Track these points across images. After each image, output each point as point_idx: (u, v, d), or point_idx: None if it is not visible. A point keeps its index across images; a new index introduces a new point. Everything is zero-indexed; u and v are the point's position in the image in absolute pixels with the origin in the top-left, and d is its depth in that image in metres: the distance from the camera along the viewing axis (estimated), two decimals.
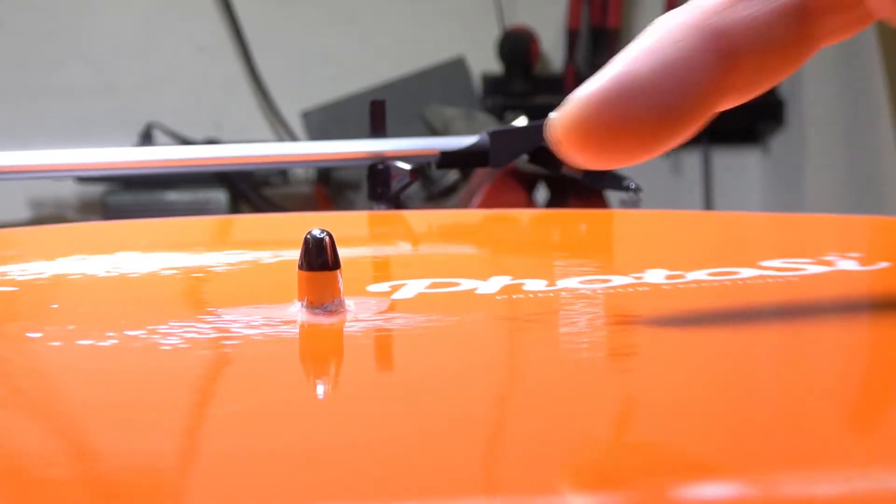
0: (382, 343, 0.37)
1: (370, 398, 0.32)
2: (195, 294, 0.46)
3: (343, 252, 0.40)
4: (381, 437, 0.29)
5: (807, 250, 0.43)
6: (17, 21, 2.53)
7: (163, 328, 0.39)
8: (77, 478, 0.27)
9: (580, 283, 0.39)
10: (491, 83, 2.60)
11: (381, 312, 0.40)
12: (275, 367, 0.35)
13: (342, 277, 0.40)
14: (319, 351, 0.38)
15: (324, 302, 0.39)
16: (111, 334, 0.39)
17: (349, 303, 0.40)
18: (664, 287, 0.38)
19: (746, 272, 0.40)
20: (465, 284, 0.42)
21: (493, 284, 0.40)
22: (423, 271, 0.49)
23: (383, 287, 0.44)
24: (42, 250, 0.54)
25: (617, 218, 0.64)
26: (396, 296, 0.42)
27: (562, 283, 0.40)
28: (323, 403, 0.32)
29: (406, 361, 0.36)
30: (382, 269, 0.51)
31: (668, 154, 2.56)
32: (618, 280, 0.38)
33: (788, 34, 0.39)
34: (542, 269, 0.45)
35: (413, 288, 0.43)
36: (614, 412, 0.29)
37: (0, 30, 2.53)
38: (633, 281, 0.38)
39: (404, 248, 0.53)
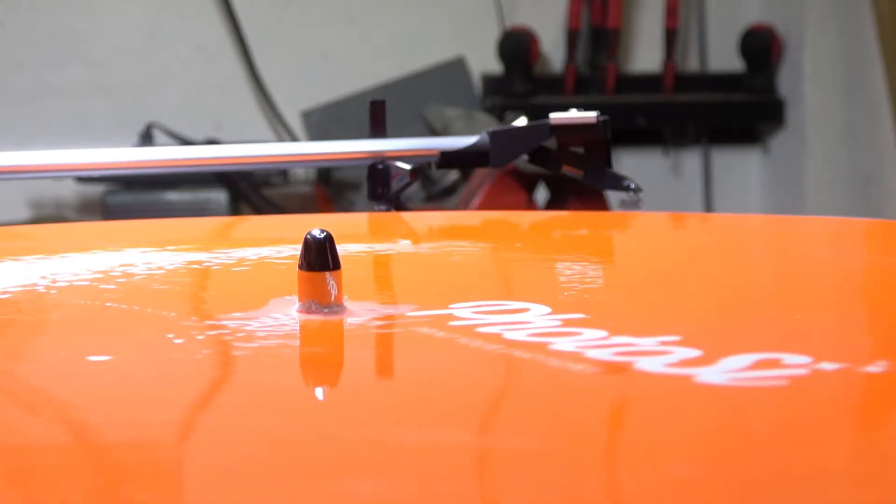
0: (380, 343, 0.38)
1: (367, 398, 0.32)
2: (196, 293, 0.46)
3: (344, 252, 0.40)
4: (373, 437, 0.29)
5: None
6: (17, 21, 2.53)
7: (163, 326, 0.39)
8: (88, 464, 0.27)
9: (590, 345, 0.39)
10: (491, 83, 2.60)
11: (380, 314, 0.40)
12: (274, 366, 0.35)
13: (342, 278, 0.40)
14: (318, 350, 0.38)
15: (323, 302, 0.39)
16: (115, 330, 0.39)
17: (349, 303, 0.40)
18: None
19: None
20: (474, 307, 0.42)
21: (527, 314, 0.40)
22: (436, 280, 0.49)
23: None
24: (50, 247, 0.54)
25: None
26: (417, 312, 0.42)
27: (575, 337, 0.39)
28: (319, 401, 0.32)
29: (403, 362, 0.36)
30: (385, 272, 0.51)
31: (668, 154, 2.56)
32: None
33: None
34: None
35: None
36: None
37: (0, 30, 2.53)
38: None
39: (406, 252, 0.53)
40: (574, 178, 0.70)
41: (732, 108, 2.82)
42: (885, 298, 0.43)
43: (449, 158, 0.68)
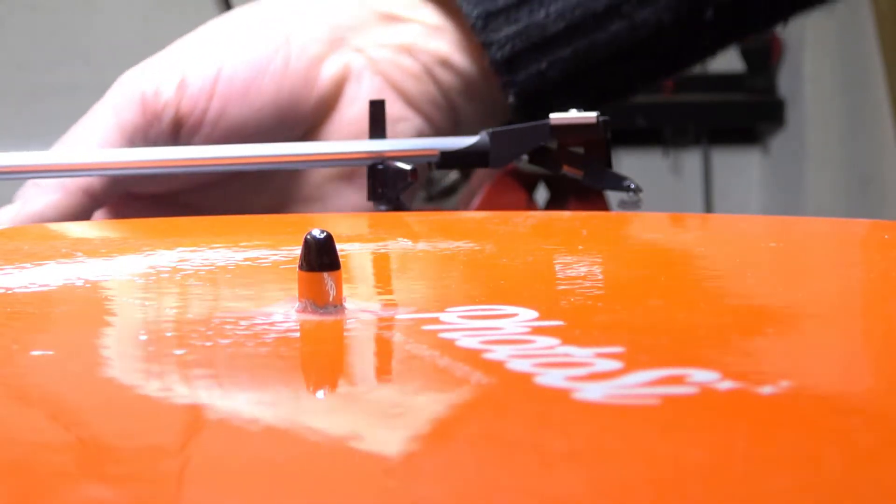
0: (381, 345, 0.37)
1: (367, 400, 0.32)
2: (194, 291, 0.46)
3: (344, 252, 0.40)
4: (374, 443, 0.29)
5: None
6: (17, 21, 2.53)
7: (160, 328, 0.39)
8: (82, 470, 0.27)
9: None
10: None
11: (381, 316, 0.40)
12: (273, 368, 0.35)
13: (342, 279, 0.40)
14: (318, 351, 0.38)
15: (322, 302, 0.39)
16: (114, 330, 0.39)
17: (349, 304, 0.40)
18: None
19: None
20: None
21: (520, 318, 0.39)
22: (436, 280, 0.49)
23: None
24: (35, 251, 0.55)
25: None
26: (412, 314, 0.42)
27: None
28: (319, 404, 0.32)
29: (404, 364, 0.36)
30: (386, 272, 0.51)
31: (667, 154, 2.55)
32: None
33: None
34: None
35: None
36: None
37: (0, 30, 2.53)
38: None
39: (408, 252, 0.53)
40: (574, 178, 0.70)
41: (732, 108, 2.82)
42: (871, 314, 0.43)
43: (449, 159, 0.68)
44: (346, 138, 0.74)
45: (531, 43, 0.72)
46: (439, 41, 0.73)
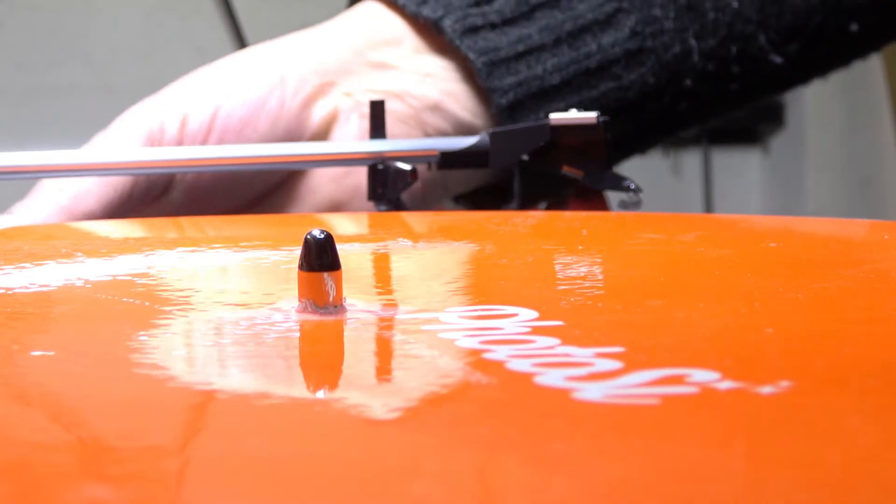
0: (381, 345, 0.37)
1: (368, 400, 0.32)
2: (193, 291, 0.46)
3: (344, 252, 0.40)
4: (376, 442, 0.29)
5: None
6: (17, 21, 2.53)
7: (160, 328, 0.39)
8: (81, 470, 0.27)
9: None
10: None
11: (381, 316, 0.40)
12: (273, 368, 0.35)
13: (342, 278, 0.40)
14: (318, 351, 0.38)
15: (322, 302, 0.39)
16: (114, 330, 0.39)
17: (349, 304, 0.40)
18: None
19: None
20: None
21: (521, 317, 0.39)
22: (436, 280, 0.49)
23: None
24: (43, 251, 0.55)
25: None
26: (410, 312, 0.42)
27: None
28: (319, 404, 0.32)
29: (404, 364, 0.36)
30: (386, 272, 0.51)
31: (668, 154, 2.55)
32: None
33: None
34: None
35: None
36: None
37: (0, 30, 2.53)
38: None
39: (409, 252, 0.53)
40: (574, 178, 0.70)
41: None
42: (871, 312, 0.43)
43: (449, 159, 0.68)
44: (333, 177, 0.75)
45: (531, 93, 0.75)
46: (430, 88, 0.75)
